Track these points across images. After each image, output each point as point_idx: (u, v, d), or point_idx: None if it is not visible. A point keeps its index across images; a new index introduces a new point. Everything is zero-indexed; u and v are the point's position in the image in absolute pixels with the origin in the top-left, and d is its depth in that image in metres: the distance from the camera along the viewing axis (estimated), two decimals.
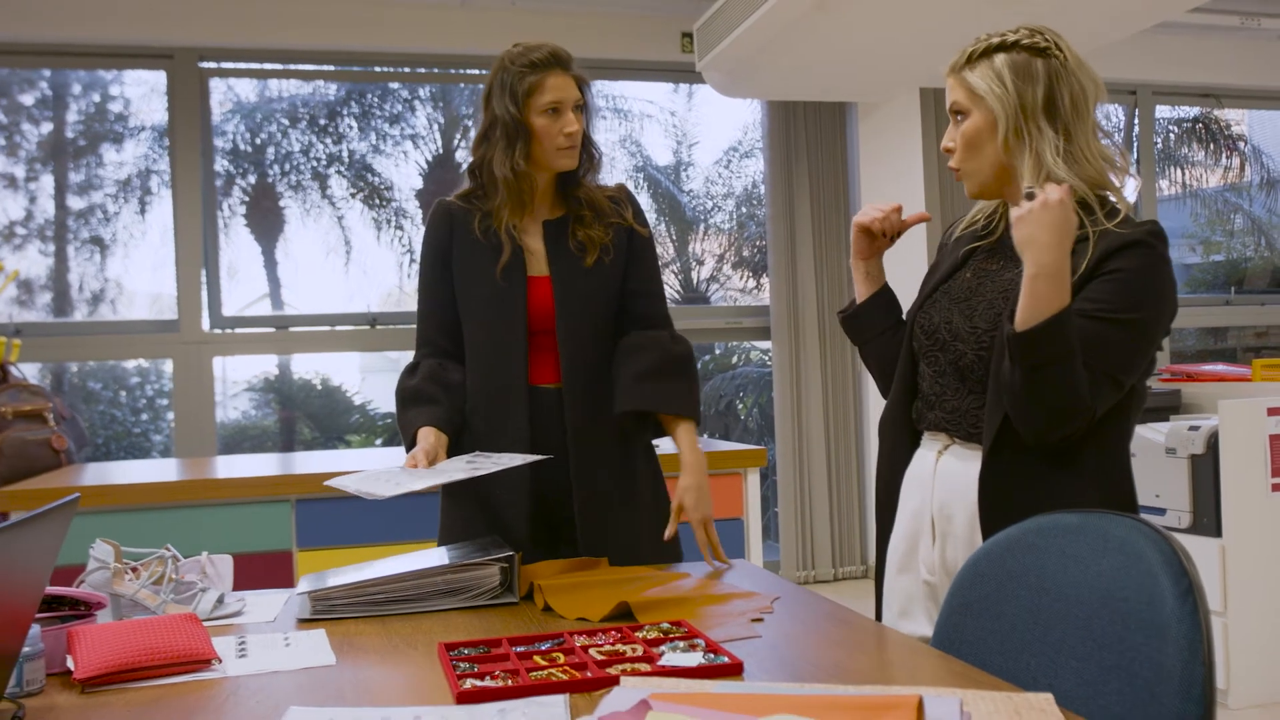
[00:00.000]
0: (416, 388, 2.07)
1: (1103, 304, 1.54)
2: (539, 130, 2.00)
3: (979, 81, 1.63)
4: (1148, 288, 1.55)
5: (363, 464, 3.45)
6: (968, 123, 1.66)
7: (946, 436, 1.71)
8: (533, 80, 1.98)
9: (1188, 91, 6.68)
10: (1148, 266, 1.55)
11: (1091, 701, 1.26)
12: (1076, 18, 4.04)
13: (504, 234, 2.04)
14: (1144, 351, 1.57)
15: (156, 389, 5.94)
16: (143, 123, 5.40)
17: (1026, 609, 1.40)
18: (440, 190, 6.23)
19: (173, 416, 5.31)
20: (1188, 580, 1.22)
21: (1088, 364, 1.51)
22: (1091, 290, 1.55)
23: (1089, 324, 1.53)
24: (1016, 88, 1.61)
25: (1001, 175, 1.67)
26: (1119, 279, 1.54)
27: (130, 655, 1.33)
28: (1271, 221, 7.43)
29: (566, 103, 1.99)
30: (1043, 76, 1.61)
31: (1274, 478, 3.50)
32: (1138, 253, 1.54)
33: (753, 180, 6.55)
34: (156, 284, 5.59)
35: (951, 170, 1.71)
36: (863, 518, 5.81)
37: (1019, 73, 1.61)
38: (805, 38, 4.28)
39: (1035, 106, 1.60)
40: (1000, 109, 1.61)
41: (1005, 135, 1.62)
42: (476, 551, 1.81)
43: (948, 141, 1.70)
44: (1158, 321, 1.57)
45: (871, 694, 1.07)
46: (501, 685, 1.23)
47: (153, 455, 5.88)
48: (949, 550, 1.68)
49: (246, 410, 5.99)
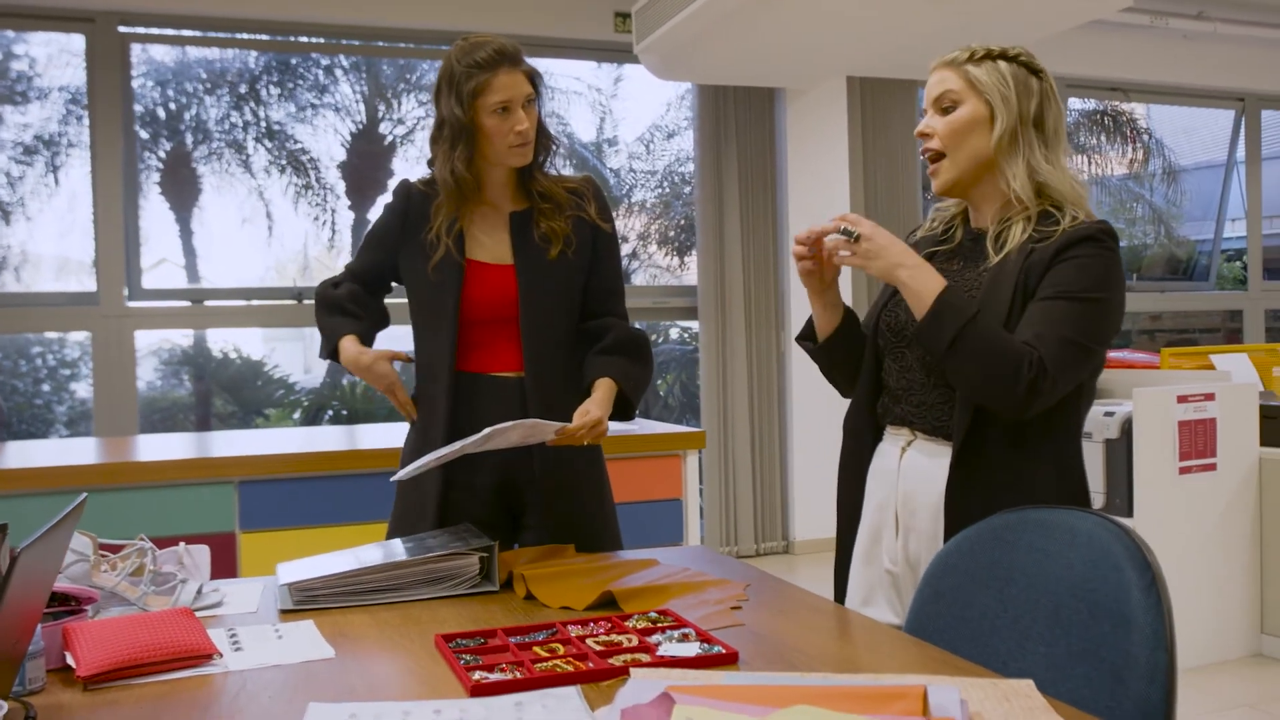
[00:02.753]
0: (339, 299, 2.13)
1: (1061, 285, 1.63)
2: (489, 129, 2.00)
3: (984, 77, 1.71)
4: (1102, 273, 1.64)
5: (306, 440, 3.43)
6: (961, 111, 1.72)
7: (910, 431, 1.79)
8: (480, 80, 1.97)
9: (1098, 85, 6.94)
10: (1102, 255, 1.65)
11: (1059, 684, 1.35)
12: (1010, 14, 4.18)
13: (439, 231, 2.06)
14: (1103, 325, 1.65)
15: (59, 358, 5.76)
16: (51, 84, 5.20)
17: (996, 598, 1.49)
18: (363, 163, 6.16)
19: (76, 388, 5.17)
20: (1151, 574, 1.32)
21: (1050, 335, 1.59)
22: (1050, 276, 1.65)
23: (1049, 302, 1.63)
24: (1018, 94, 1.70)
25: (977, 171, 1.74)
26: (1076, 263, 1.64)
27: (132, 652, 1.34)
28: (1170, 211, 7.78)
29: (516, 100, 1.99)
30: (1037, 93, 1.72)
31: (1181, 461, 3.71)
32: (1093, 244, 1.65)
33: (676, 158, 6.61)
34: (63, 250, 5.41)
35: (927, 156, 1.77)
36: (784, 495, 5.96)
37: (1020, 82, 1.71)
38: (743, 26, 4.34)
39: (1028, 115, 1.70)
40: (1004, 108, 1.70)
41: (1001, 134, 1.70)
42: (454, 540, 1.84)
43: (926, 128, 1.76)
44: (1111, 304, 1.66)
45: (877, 684, 1.15)
46: (513, 678, 1.27)
47: (57, 428, 5.70)
48: (912, 542, 1.77)
49: (151, 380, 5.83)
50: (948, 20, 4.34)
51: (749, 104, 5.85)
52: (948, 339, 1.61)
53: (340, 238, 5.99)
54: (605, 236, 2.16)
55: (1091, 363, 1.66)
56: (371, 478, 3.14)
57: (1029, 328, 1.62)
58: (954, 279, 1.77)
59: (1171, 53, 6.65)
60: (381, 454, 3.16)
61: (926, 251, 1.86)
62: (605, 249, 2.16)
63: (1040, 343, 1.59)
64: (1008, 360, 1.58)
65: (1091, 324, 1.63)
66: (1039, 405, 1.61)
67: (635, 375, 2.12)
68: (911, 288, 1.66)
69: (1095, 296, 1.63)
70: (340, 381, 6.25)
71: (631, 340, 2.14)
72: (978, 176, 1.75)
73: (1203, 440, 3.74)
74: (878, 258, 1.66)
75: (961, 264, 1.80)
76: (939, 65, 1.77)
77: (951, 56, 1.75)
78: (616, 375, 2.08)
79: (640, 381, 2.14)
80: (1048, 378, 1.58)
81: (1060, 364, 1.59)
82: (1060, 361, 1.59)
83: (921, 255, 1.85)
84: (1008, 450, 1.67)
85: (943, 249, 1.85)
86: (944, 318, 1.62)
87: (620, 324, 2.15)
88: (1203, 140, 7.95)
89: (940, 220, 1.89)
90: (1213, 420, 3.76)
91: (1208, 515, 3.79)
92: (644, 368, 2.15)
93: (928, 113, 1.77)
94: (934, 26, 4.42)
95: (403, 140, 6.16)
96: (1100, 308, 1.64)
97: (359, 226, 6.05)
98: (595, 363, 2.11)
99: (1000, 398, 1.62)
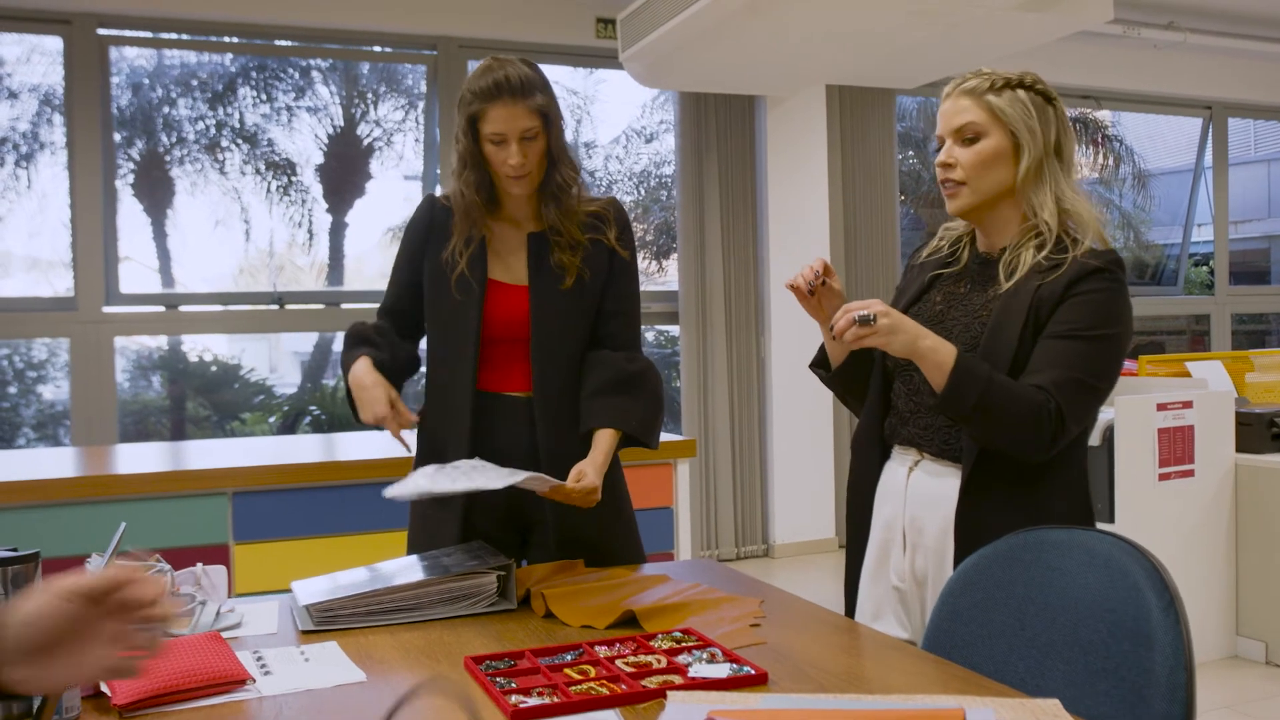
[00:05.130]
0: (366, 333, 2.11)
1: (1072, 324, 1.67)
2: (489, 157, 2.01)
3: (1008, 108, 1.73)
4: (1112, 309, 1.69)
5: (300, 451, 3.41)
6: (985, 143, 1.74)
7: (917, 451, 1.82)
8: (477, 109, 1.97)
9: (1070, 92, 7.04)
10: (1111, 290, 1.69)
11: (1081, 702, 1.39)
12: (990, 27, 4.23)
13: (457, 249, 2.06)
14: (1113, 363, 1.70)
15: (26, 360, 5.68)
16: (22, 84, 5.13)
17: (1014, 616, 1.53)
18: (341, 165, 6.13)
19: (43, 390, 5.10)
20: (1169, 594, 1.36)
21: (1064, 381, 1.64)
22: (1061, 312, 1.68)
23: (1060, 342, 1.67)
24: (1041, 125, 1.73)
25: (997, 199, 1.77)
26: (1086, 299, 1.68)
27: (167, 679, 1.34)
28: (1139, 216, 7.91)
29: (510, 134, 1.96)
30: (1054, 121, 1.75)
31: (1161, 468, 3.78)
32: (1103, 278, 1.69)
33: (653, 161, 6.63)
34: (33, 251, 5.35)
35: (946, 185, 1.78)
36: (764, 499, 6.00)
37: (1040, 111, 1.74)
38: (728, 35, 4.37)
39: (1051, 145, 1.73)
40: (1030, 140, 1.72)
41: (1029, 165, 1.72)
42: (471, 559, 1.85)
43: (949, 158, 1.77)
44: (1121, 339, 1.71)
45: (915, 706, 1.18)
46: (551, 702, 1.29)
47: (24, 431, 5.63)
48: (919, 560, 1.81)
49: (120, 383, 5.77)
50: (929, 32, 4.39)
51: (729, 111, 5.88)
52: (970, 405, 1.64)
53: (317, 240, 5.97)
54: (621, 262, 2.13)
55: (1102, 400, 1.71)
56: (366, 488, 3.13)
57: (1043, 369, 1.66)
58: (961, 302, 1.80)
59: (1142, 61, 6.76)
60: (378, 464, 3.16)
61: (933, 273, 1.88)
62: (619, 273, 2.13)
63: (1056, 390, 1.63)
64: (1026, 418, 1.63)
65: (1102, 363, 1.67)
66: (1057, 450, 1.67)
67: (638, 413, 2.08)
68: (932, 359, 1.66)
69: (1104, 334, 1.67)
70: (320, 385, 6.22)
71: (627, 377, 2.09)
72: (994, 203, 1.78)
73: (1181, 447, 3.82)
74: (899, 333, 1.65)
75: (969, 287, 1.82)
76: (957, 93, 1.77)
77: (971, 85, 1.76)
78: (618, 422, 2.05)
79: (648, 416, 2.10)
80: (1065, 427, 1.64)
81: (1075, 410, 1.65)
82: (1075, 407, 1.64)
83: (928, 276, 1.89)
84: (1017, 476, 1.71)
85: (949, 271, 1.87)
86: (963, 386, 1.64)
87: (613, 357, 2.10)
88: (1170, 146, 8.09)
89: (948, 240, 1.92)
90: (1191, 427, 3.84)
91: (1186, 521, 3.87)
92: (647, 401, 2.10)
93: (946, 141, 1.78)
94: (915, 38, 4.47)
95: (380, 144, 6.14)
96: (1109, 344, 1.67)
97: (336, 230, 6.02)
98: (591, 409, 2.06)
99: (1022, 450, 1.67)
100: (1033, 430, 1.63)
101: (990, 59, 5.39)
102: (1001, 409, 1.63)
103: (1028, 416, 1.62)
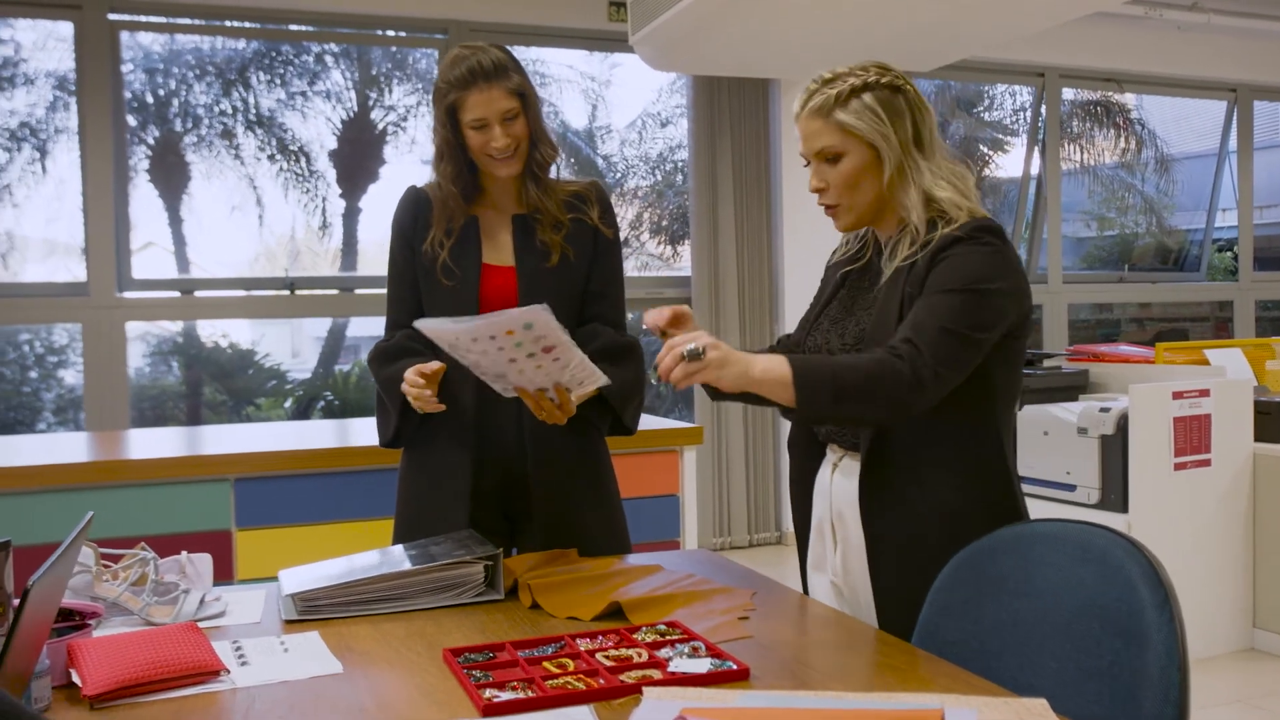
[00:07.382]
0: (399, 345, 2.10)
1: (936, 286, 1.61)
2: (472, 143, 2.02)
3: (858, 122, 1.67)
4: (977, 266, 1.61)
5: (303, 437, 3.41)
6: (846, 163, 1.69)
7: (840, 449, 1.80)
8: (455, 98, 1.99)
9: (1092, 75, 6.94)
10: (976, 250, 1.62)
11: (1070, 701, 1.35)
12: (1007, 6, 4.16)
13: (437, 240, 2.07)
14: (985, 314, 1.60)
15: (47, 345, 5.71)
16: (38, 70, 5.14)
17: (1006, 612, 1.49)
18: (354, 150, 6.12)
19: (64, 375, 5.12)
20: (1164, 591, 1.32)
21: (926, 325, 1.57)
22: (929, 280, 1.63)
23: (923, 300, 1.61)
24: (893, 125, 1.67)
25: (877, 208, 1.73)
26: (949, 263, 1.62)
27: (139, 670, 1.33)
28: (1162, 201, 7.80)
29: (491, 118, 1.98)
30: (906, 111, 1.68)
31: (1176, 458, 3.72)
32: (964, 243, 1.63)
33: (669, 146, 6.58)
34: (51, 235, 5.36)
35: (824, 208, 1.75)
36: (778, 486, 5.96)
37: (890, 110, 1.67)
38: (739, 17, 4.32)
39: (908, 141, 1.68)
40: (886, 147, 1.67)
41: (891, 174, 1.68)
42: (458, 549, 1.83)
43: (819, 182, 1.73)
44: (990, 294, 1.61)
45: (893, 706, 1.14)
46: (524, 697, 1.26)
47: (45, 415, 5.66)
48: (847, 556, 1.78)
49: (140, 368, 5.79)
50: (943, 11, 4.32)
51: (743, 95, 5.83)
52: (828, 402, 1.56)
53: (331, 226, 5.97)
54: (605, 241, 2.15)
55: (977, 349, 1.61)
56: (370, 474, 3.12)
57: (905, 327, 1.60)
58: (861, 296, 1.79)
59: (1165, 43, 6.65)
60: (380, 451, 3.13)
61: (842, 271, 1.87)
62: (603, 253, 2.14)
63: (907, 343, 1.56)
64: (882, 380, 1.55)
65: (968, 313, 1.59)
66: (929, 395, 1.57)
67: (620, 378, 2.06)
68: (767, 382, 1.57)
69: (972, 288, 1.60)
70: (333, 371, 6.23)
71: (617, 347, 2.10)
72: (876, 210, 1.74)
73: (1198, 436, 3.75)
74: (729, 365, 1.56)
75: (869, 281, 1.80)
76: (807, 115, 1.71)
77: (816, 104, 1.69)
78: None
79: (627, 386, 2.09)
80: (929, 375, 1.55)
81: (938, 353, 1.56)
82: (938, 350, 1.56)
83: (838, 275, 1.87)
84: (911, 458, 1.67)
85: (855, 267, 1.85)
86: (811, 388, 1.56)
87: (606, 331, 2.12)
88: (1195, 130, 7.96)
89: (855, 240, 1.89)
90: (1208, 416, 3.77)
91: (1202, 511, 3.81)
92: (630, 372, 2.11)
93: (812, 164, 1.74)
94: (929, 17, 4.40)
95: (394, 129, 6.12)
96: (976, 298, 1.59)
97: (350, 215, 6.01)
98: None
99: (893, 413, 1.59)
100: (890, 389, 1.55)
101: (1007, 40, 5.31)
102: (856, 387, 1.55)
103: (881, 378, 1.54)
